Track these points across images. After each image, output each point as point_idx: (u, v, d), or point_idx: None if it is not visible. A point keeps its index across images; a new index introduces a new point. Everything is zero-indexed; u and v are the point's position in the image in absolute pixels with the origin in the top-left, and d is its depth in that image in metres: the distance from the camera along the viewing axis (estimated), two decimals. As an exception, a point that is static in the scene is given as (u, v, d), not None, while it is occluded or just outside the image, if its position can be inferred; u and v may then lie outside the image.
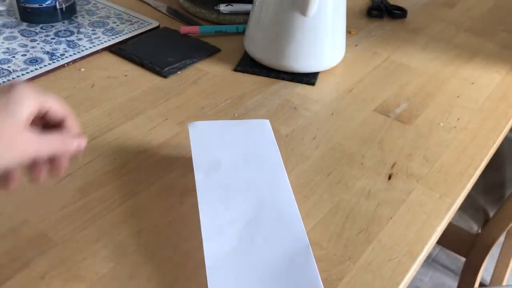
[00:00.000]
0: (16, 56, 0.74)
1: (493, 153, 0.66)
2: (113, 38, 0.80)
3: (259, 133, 0.55)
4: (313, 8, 0.69)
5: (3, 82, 0.68)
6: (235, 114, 0.67)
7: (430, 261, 1.57)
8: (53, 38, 0.79)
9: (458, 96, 0.74)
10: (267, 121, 0.57)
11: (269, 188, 0.49)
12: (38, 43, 0.78)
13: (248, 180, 0.50)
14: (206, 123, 0.56)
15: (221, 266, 0.43)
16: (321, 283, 0.42)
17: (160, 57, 0.76)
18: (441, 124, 0.68)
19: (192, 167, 0.56)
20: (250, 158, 0.52)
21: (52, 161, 0.43)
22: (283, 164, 0.52)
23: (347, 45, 0.81)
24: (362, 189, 0.56)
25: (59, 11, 0.83)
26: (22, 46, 0.77)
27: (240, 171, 0.51)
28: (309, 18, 0.70)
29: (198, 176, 0.50)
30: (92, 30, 0.82)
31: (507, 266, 1.33)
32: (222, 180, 0.50)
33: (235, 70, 0.76)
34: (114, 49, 0.78)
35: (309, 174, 0.58)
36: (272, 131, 0.56)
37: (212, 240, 0.44)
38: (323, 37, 0.73)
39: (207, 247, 0.44)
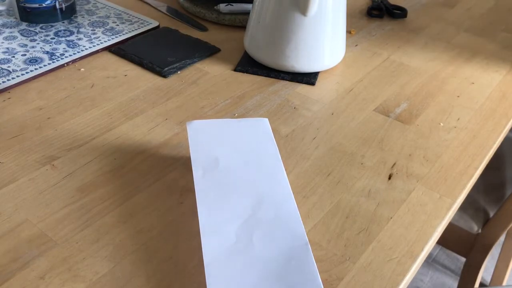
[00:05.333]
0: (16, 56, 0.74)
1: (493, 153, 0.66)
2: (113, 38, 0.80)
3: (257, 131, 0.56)
4: (313, 8, 0.69)
5: (3, 82, 0.68)
6: (235, 114, 0.67)
7: (430, 261, 1.57)
8: (53, 38, 0.79)
9: (458, 96, 0.74)
10: (266, 120, 0.57)
11: (267, 186, 0.49)
12: (37, 43, 0.78)
13: (246, 178, 0.50)
14: (204, 122, 0.56)
15: (220, 263, 0.43)
16: (320, 280, 0.42)
17: (160, 57, 0.76)
18: (441, 124, 0.68)
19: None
20: (249, 156, 0.52)
21: None
22: (282, 162, 0.52)
23: (347, 45, 0.81)
24: (362, 189, 0.56)
25: (59, 11, 0.83)
26: (21, 46, 0.77)
27: (238, 169, 0.51)
28: (309, 18, 0.70)
29: (197, 174, 0.50)
30: (92, 30, 0.82)
31: (507, 266, 1.33)
32: (220, 178, 0.50)
33: (235, 70, 0.76)
34: (114, 49, 0.78)
35: (309, 174, 0.58)
36: (270, 129, 0.56)
37: (211, 238, 0.44)
38: (323, 37, 0.73)
39: (206, 245, 0.44)
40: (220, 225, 0.45)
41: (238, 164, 0.51)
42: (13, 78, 0.69)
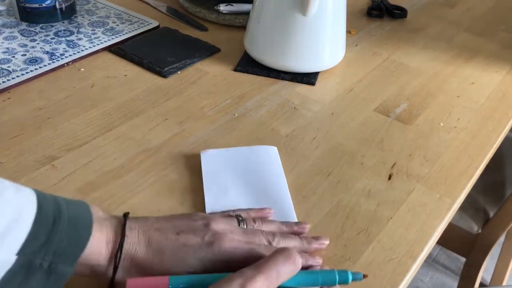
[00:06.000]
0: (16, 56, 0.74)
1: (493, 153, 0.66)
2: (113, 38, 0.80)
3: (266, 159, 0.58)
4: (313, 8, 0.69)
5: (3, 82, 0.68)
6: (235, 114, 0.67)
7: (430, 261, 1.57)
8: (53, 38, 0.79)
9: (458, 96, 0.74)
10: (275, 148, 0.60)
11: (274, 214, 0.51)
12: (38, 43, 0.78)
13: (252, 205, 0.52)
14: (217, 151, 0.59)
15: None
16: None
17: (160, 57, 0.76)
18: (441, 124, 0.68)
19: (192, 167, 0.57)
20: (257, 184, 0.55)
21: None
22: (288, 190, 0.54)
23: (347, 45, 0.81)
24: (362, 189, 0.56)
25: (58, 11, 0.83)
26: (21, 46, 0.77)
27: (246, 196, 0.53)
28: (309, 18, 0.70)
29: (208, 199, 0.52)
30: (92, 30, 0.82)
31: (507, 266, 1.33)
32: (229, 204, 0.52)
33: (235, 70, 0.76)
34: (114, 49, 0.78)
35: (309, 174, 0.58)
36: (279, 157, 0.58)
37: None
38: (323, 37, 0.73)
39: None
40: None
41: (246, 192, 0.53)
42: (13, 78, 0.69)
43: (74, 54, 0.75)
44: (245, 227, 0.45)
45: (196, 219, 0.43)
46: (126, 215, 0.42)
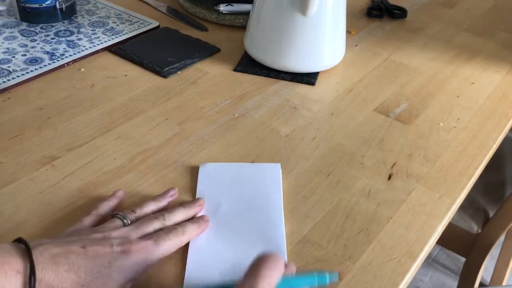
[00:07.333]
0: (16, 56, 0.74)
1: (493, 153, 0.66)
2: (113, 38, 0.80)
3: (267, 177, 0.56)
4: (313, 8, 0.69)
5: (3, 82, 0.68)
6: (235, 114, 0.67)
7: (430, 261, 1.57)
8: (53, 38, 0.79)
9: (458, 96, 0.74)
10: (278, 166, 0.58)
11: (262, 235, 0.49)
12: (38, 43, 0.78)
13: (242, 226, 0.50)
14: (217, 165, 0.57)
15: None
16: None
17: (160, 57, 0.76)
18: (441, 124, 0.68)
19: (192, 168, 0.57)
20: (252, 204, 0.53)
21: None
22: (282, 212, 0.52)
23: (347, 45, 0.81)
24: (362, 189, 0.56)
25: (59, 11, 0.83)
26: (22, 46, 0.77)
27: (237, 216, 0.51)
28: (309, 18, 0.70)
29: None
30: (92, 30, 0.82)
31: (507, 266, 1.33)
32: (218, 223, 0.50)
33: (235, 70, 0.76)
34: (114, 49, 0.78)
35: (309, 174, 0.58)
36: (280, 176, 0.56)
37: (196, 276, 0.45)
38: (323, 37, 0.73)
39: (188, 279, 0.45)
40: (206, 267, 0.46)
41: (238, 212, 0.51)
42: (13, 78, 0.69)
43: (74, 54, 0.75)
44: (129, 222, 0.46)
45: (88, 232, 0.43)
46: (22, 241, 0.39)
